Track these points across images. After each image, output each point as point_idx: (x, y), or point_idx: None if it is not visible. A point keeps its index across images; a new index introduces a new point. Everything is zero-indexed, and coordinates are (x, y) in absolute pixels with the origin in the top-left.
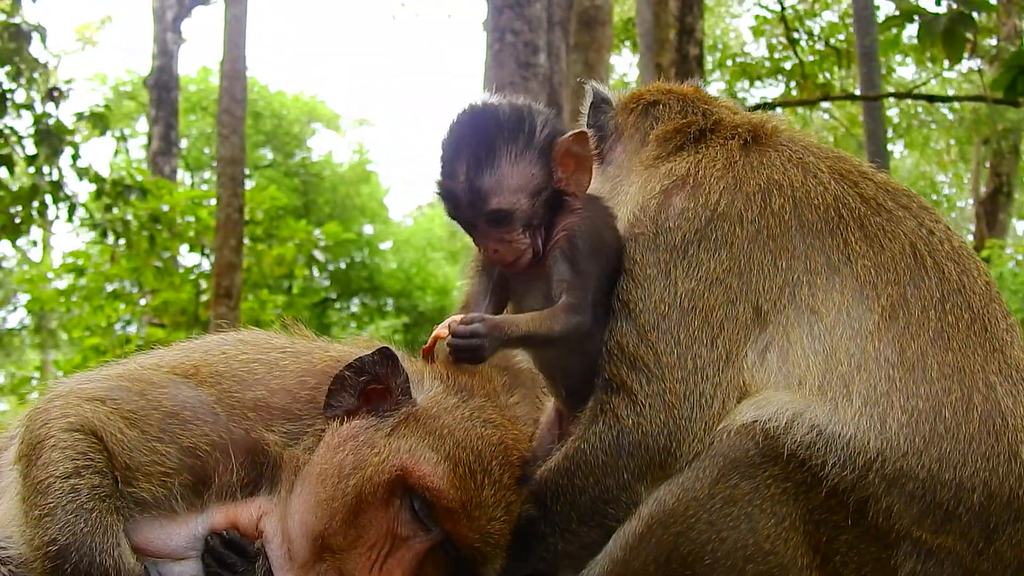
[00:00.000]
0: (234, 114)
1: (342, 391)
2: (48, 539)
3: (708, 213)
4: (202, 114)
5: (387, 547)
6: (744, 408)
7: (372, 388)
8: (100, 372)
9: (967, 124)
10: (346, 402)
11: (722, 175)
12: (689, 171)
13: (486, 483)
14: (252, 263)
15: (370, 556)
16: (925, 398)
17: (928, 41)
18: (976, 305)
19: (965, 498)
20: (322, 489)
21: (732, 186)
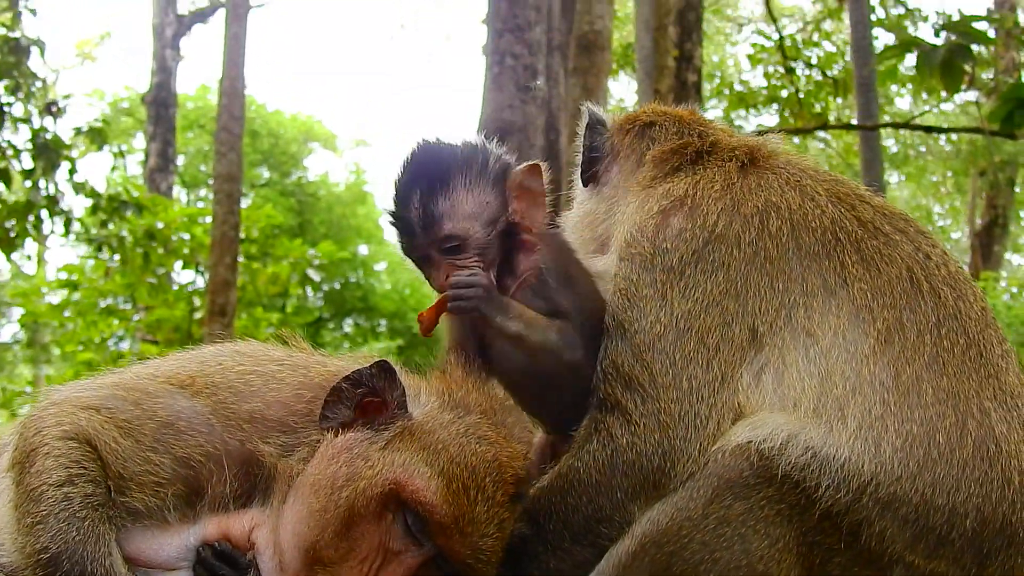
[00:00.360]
0: (232, 131)
1: (339, 403)
2: (40, 547)
3: (706, 235)
4: (199, 132)
5: (379, 560)
6: (739, 429)
7: (368, 401)
8: (96, 381)
9: (964, 156)
10: (342, 414)
11: (720, 196)
12: (687, 192)
13: (479, 499)
14: (247, 281)
15: (361, 569)
16: (920, 422)
17: (926, 72)
18: (972, 331)
19: (958, 523)
20: (315, 500)
21: (730, 208)
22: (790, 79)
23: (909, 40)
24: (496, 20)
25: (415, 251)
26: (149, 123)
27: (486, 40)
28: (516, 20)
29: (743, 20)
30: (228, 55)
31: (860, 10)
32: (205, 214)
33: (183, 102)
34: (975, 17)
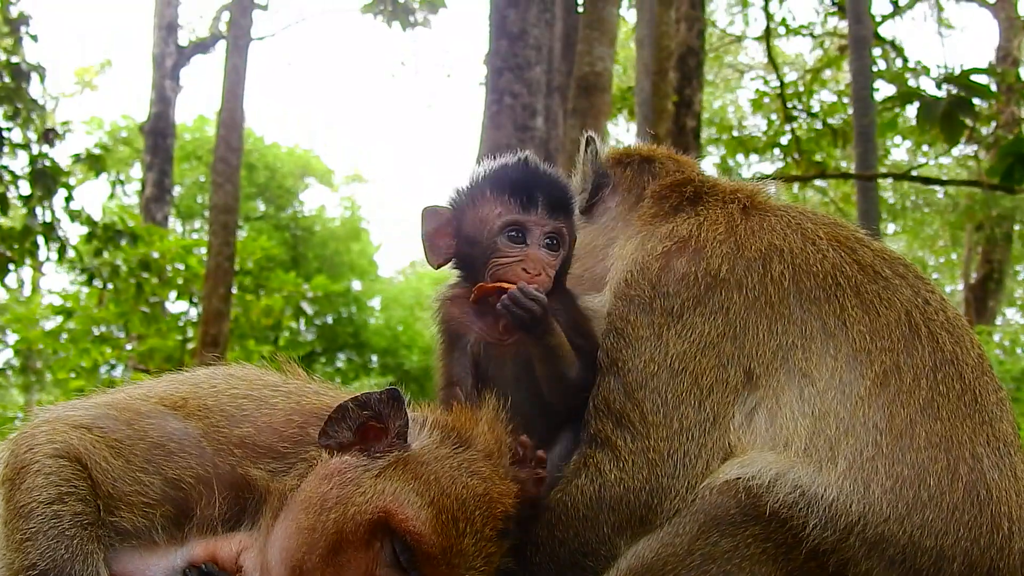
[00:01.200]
0: (229, 163)
1: (342, 421)
2: (28, 563)
3: (709, 279)
4: (196, 163)
5: None
6: (727, 467)
7: (371, 426)
8: (88, 400)
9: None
10: (342, 434)
11: (725, 239)
12: (692, 233)
13: (467, 531)
14: (240, 313)
15: None
16: (911, 465)
17: (927, 124)
18: (968, 376)
19: (945, 567)
20: (304, 518)
21: (734, 251)
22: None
23: (911, 91)
24: (496, 58)
25: (519, 219)
26: (147, 152)
27: (486, 79)
28: (516, 59)
29: (743, 67)
30: (228, 86)
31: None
32: (200, 245)
33: (181, 133)
34: (976, 70)
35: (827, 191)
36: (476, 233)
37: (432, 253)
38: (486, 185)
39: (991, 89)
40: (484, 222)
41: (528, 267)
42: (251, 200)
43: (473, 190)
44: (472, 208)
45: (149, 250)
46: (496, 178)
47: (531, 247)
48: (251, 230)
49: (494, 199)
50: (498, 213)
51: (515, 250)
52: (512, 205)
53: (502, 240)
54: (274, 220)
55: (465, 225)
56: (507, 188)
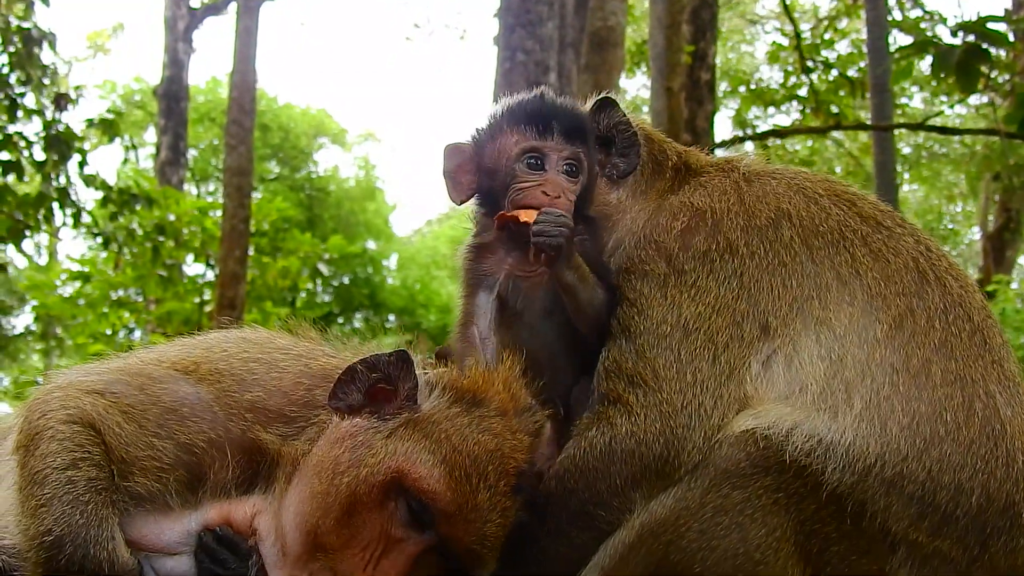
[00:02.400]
0: (243, 125)
1: (351, 383)
2: (44, 529)
3: (725, 252)
4: (210, 125)
5: (381, 548)
6: (741, 418)
7: (380, 388)
8: (101, 365)
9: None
10: (352, 396)
11: (738, 209)
12: (706, 205)
13: (481, 487)
14: (257, 275)
15: (363, 556)
16: (928, 402)
17: (942, 73)
18: (976, 318)
19: (963, 501)
20: (317, 482)
21: (747, 222)
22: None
23: (925, 40)
24: (508, 15)
25: (536, 145)
26: (160, 116)
27: (498, 34)
28: (528, 15)
29: (758, 18)
30: (239, 48)
31: (876, 10)
32: (215, 207)
33: (194, 95)
34: (992, 18)
35: (843, 143)
36: (495, 164)
37: (455, 189)
38: (504, 118)
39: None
40: (502, 152)
41: (547, 190)
42: (265, 161)
43: (492, 125)
44: (491, 142)
45: (165, 213)
46: (513, 110)
47: (550, 172)
48: (266, 191)
49: (511, 129)
50: (515, 141)
51: (534, 176)
52: (529, 133)
53: (521, 167)
54: (289, 181)
55: (485, 159)
56: (523, 117)
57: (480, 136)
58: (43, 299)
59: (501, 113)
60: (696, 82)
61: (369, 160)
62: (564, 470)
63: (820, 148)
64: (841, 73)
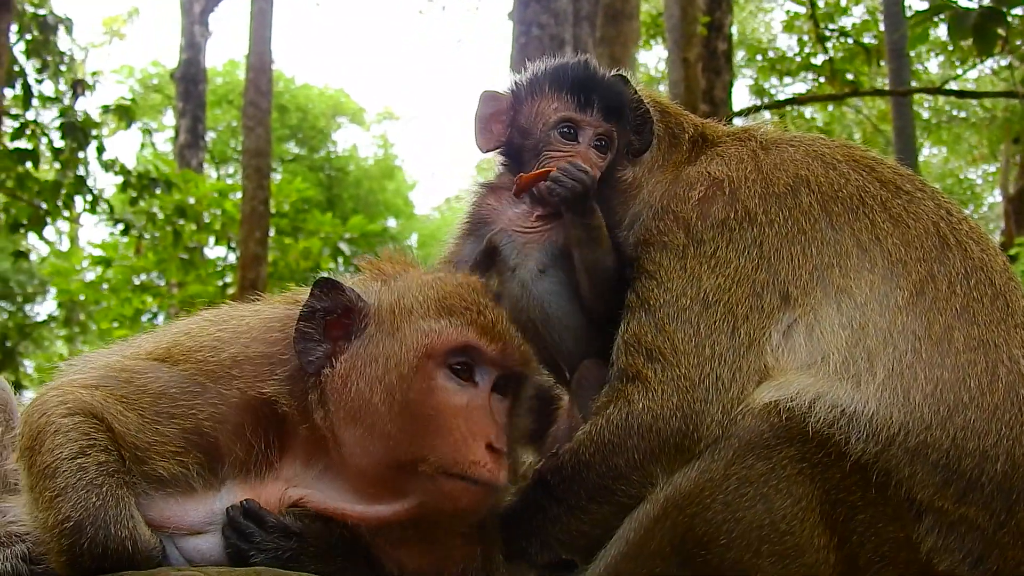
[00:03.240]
0: (260, 106)
1: (308, 341)
2: (63, 517)
3: (743, 220)
4: (228, 107)
5: (461, 417)
6: (763, 390)
7: (332, 321)
8: (87, 363)
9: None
10: (318, 349)
11: (756, 177)
12: (724, 173)
13: (482, 306)
14: (278, 256)
15: (455, 436)
16: (951, 369)
17: (958, 36)
18: (998, 282)
19: (988, 467)
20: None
21: (765, 190)
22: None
23: (941, 4)
24: None
25: (575, 117)
26: (178, 99)
27: (512, 9)
28: None
29: None
30: (255, 30)
31: None
32: (235, 189)
33: (212, 78)
34: None
35: (862, 109)
36: (530, 125)
37: (483, 136)
38: (546, 80)
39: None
40: (540, 115)
41: (579, 163)
42: (284, 142)
43: (533, 83)
44: (530, 100)
45: (185, 196)
46: (556, 74)
47: (582, 145)
48: (285, 172)
49: (552, 94)
50: (555, 108)
51: (567, 146)
52: (569, 102)
53: (555, 135)
54: (308, 161)
55: (520, 116)
56: (566, 85)
57: (519, 91)
58: (65, 285)
59: (544, 74)
60: (713, 52)
61: (388, 138)
62: (580, 445)
63: (839, 115)
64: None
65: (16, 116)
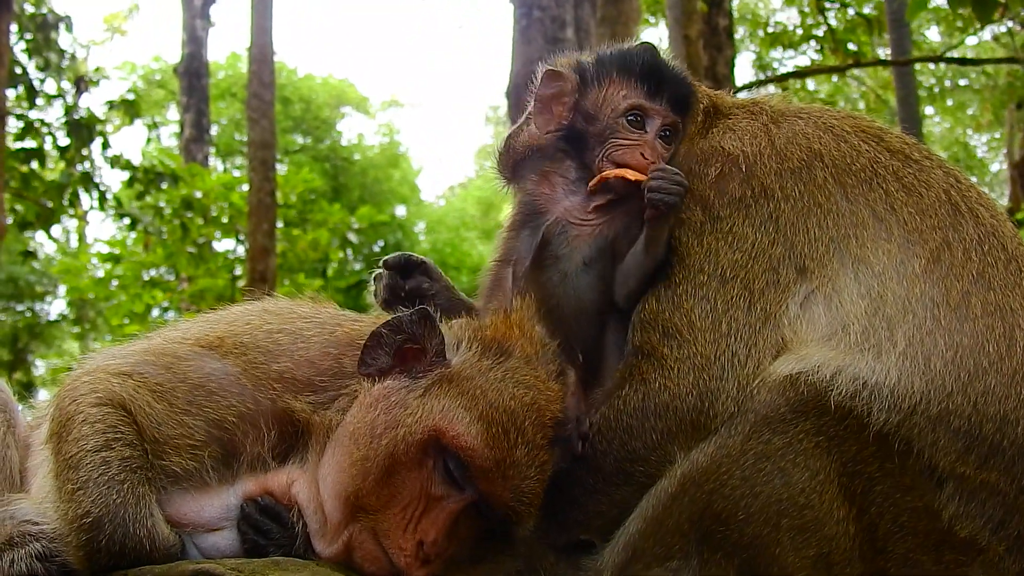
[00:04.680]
0: (263, 98)
1: (378, 348)
2: (82, 511)
3: (760, 197)
4: (232, 100)
5: (421, 507)
6: (782, 363)
7: (408, 348)
8: (126, 348)
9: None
10: (380, 360)
11: (770, 153)
12: (739, 149)
13: (519, 442)
14: (287, 248)
15: (404, 516)
16: (970, 335)
17: (957, 3)
18: (1010, 247)
19: (1009, 431)
20: (355, 448)
21: (779, 165)
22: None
23: None
24: None
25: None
26: (182, 94)
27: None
28: None
29: None
30: (255, 22)
31: None
32: (242, 182)
33: (215, 71)
34: None
35: (865, 80)
36: (597, 111)
37: (543, 117)
38: (614, 66)
39: None
40: (608, 101)
41: (647, 153)
42: (288, 134)
43: (601, 68)
44: (598, 86)
45: (191, 190)
46: (627, 61)
47: (649, 134)
48: (291, 164)
49: (622, 81)
50: (624, 95)
51: (634, 135)
52: (640, 90)
53: (623, 122)
54: (313, 152)
55: (587, 101)
56: (637, 72)
57: (586, 73)
58: (75, 283)
59: (612, 59)
60: (714, 28)
61: (393, 126)
62: (597, 431)
63: (842, 86)
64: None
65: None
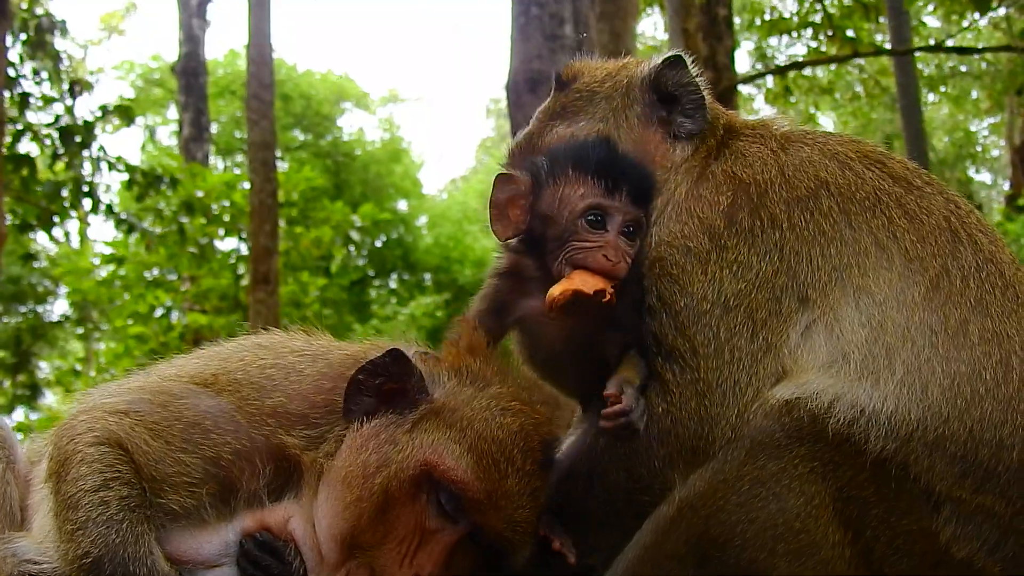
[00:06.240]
0: (262, 99)
1: (359, 394)
2: (82, 552)
3: (768, 227)
4: (231, 98)
5: (416, 541)
6: (780, 388)
7: (389, 387)
8: (122, 385)
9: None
10: (365, 404)
11: (780, 182)
12: (751, 177)
13: (510, 472)
14: (290, 246)
15: (400, 551)
16: (967, 362)
17: None
18: (1008, 272)
19: (1004, 456)
20: (348, 492)
21: (788, 194)
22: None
23: None
24: None
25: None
26: (180, 93)
27: None
28: None
29: None
30: (253, 23)
31: None
32: (242, 180)
33: (213, 69)
34: None
35: (864, 67)
36: (554, 212)
37: (500, 223)
38: (568, 163)
39: None
40: (564, 202)
41: (609, 255)
42: (289, 130)
43: (554, 166)
44: (552, 186)
45: (192, 190)
46: (580, 157)
47: (611, 233)
48: (292, 161)
49: (577, 179)
50: (581, 195)
51: (595, 235)
52: (596, 188)
53: (582, 223)
54: (314, 148)
55: (543, 203)
56: (591, 169)
57: (539, 174)
58: (78, 284)
59: (565, 156)
60: (713, 19)
61: (393, 121)
62: (603, 461)
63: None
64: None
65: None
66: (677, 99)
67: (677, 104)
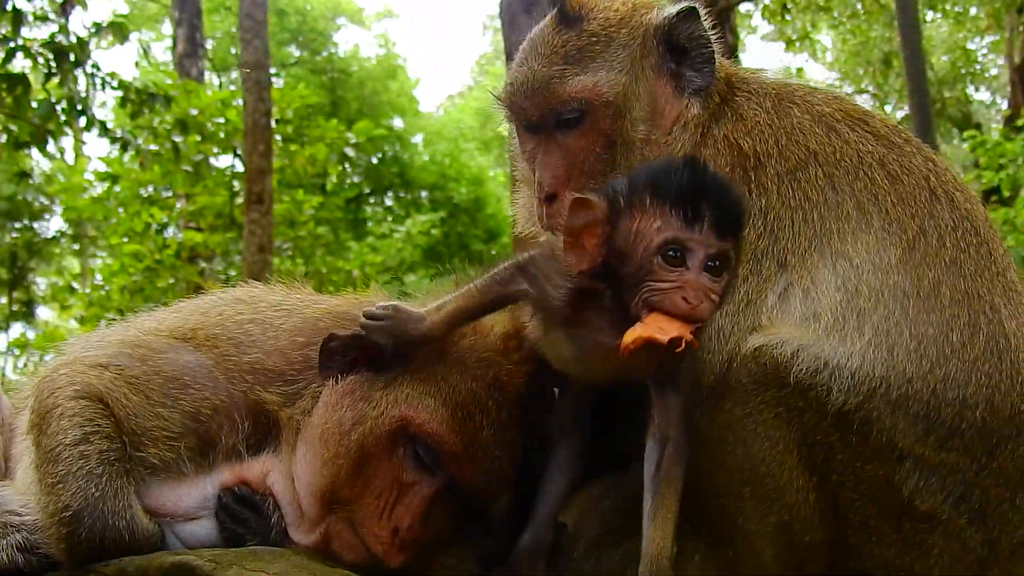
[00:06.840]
0: (256, 18)
1: (335, 353)
2: (62, 505)
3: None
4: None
5: (394, 495)
6: (750, 340)
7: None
8: (103, 338)
9: None
10: (339, 362)
11: (775, 153)
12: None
13: (484, 423)
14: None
15: (378, 505)
16: (935, 325)
17: None
18: (982, 230)
19: (968, 415)
20: (325, 449)
21: (780, 167)
22: None
23: None
24: None
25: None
26: (174, 8)
27: None
28: None
29: None
30: None
31: None
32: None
33: None
34: None
35: None
36: (629, 247)
37: (574, 253)
38: (646, 190)
39: None
40: (640, 236)
41: (688, 296)
42: (284, 46)
43: (632, 192)
44: (628, 215)
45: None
46: (659, 182)
47: (692, 272)
48: (287, 77)
49: (655, 209)
50: (657, 228)
51: (673, 274)
52: (674, 219)
53: (659, 260)
54: (309, 64)
55: (618, 235)
56: (671, 196)
57: (616, 201)
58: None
59: (644, 181)
60: None
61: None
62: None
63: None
64: None
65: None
66: (687, 52)
67: (686, 57)
